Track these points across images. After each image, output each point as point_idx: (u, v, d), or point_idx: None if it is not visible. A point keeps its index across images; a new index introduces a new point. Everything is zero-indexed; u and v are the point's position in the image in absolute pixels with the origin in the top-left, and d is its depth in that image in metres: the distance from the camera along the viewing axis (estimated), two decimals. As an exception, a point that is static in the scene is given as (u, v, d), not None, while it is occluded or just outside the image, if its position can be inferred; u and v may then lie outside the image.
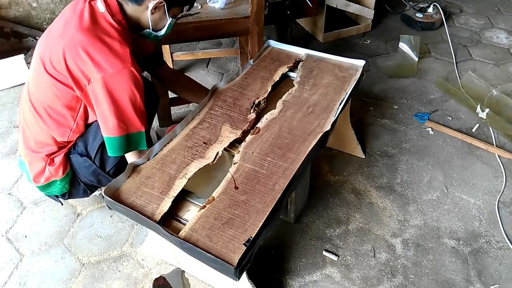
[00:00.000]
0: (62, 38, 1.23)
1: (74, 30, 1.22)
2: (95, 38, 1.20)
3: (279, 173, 1.22)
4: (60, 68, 1.23)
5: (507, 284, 1.43)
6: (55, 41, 1.25)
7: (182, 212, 1.19)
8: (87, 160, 1.42)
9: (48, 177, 1.43)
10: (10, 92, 2.41)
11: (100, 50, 1.19)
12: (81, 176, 1.47)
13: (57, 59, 1.22)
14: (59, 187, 1.46)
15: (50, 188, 1.47)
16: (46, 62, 1.26)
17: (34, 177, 1.45)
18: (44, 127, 1.35)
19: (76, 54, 1.19)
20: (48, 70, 1.26)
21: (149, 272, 1.49)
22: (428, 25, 2.88)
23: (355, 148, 1.91)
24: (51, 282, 1.47)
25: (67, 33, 1.23)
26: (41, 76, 1.28)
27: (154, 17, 1.33)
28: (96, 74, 1.18)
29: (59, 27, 1.28)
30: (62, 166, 1.42)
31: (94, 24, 1.23)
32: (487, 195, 1.74)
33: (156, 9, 1.30)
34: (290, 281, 1.45)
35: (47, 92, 1.29)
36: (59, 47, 1.22)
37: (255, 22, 1.86)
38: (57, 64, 1.23)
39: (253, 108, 1.45)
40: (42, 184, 1.45)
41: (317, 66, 1.65)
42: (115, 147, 1.28)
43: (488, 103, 2.14)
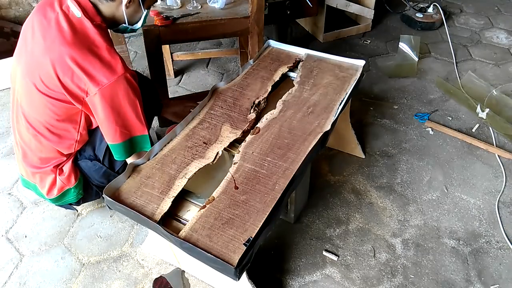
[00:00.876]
0: (47, 54, 1.18)
1: (59, 45, 1.17)
2: (84, 50, 1.17)
3: (279, 173, 1.22)
4: (54, 86, 1.20)
5: (507, 284, 1.43)
6: (40, 59, 1.20)
7: (182, 212, 1.19)
8: (96, 163, 1.43)
9: (62, 187, 1.42)
10: (10, 92, 2.40)
11: (92, 63, 1.17)
12: (93, 180, 1.48)
13: (49, 78, 1.19)
14: (74, 194, 1.47)
15: (65, 198, 1.47)
16: (37, 82, 1.22)
17: (47, 191, 1.44)
18: (48, 144, 1.34)
19: (69, 70, 1.17)
20: (41, 90, 1.22)
21: (149, 272, 1.49)
22: (428, 25, 2.88)
23: (355, 148, 1.91)
24: (51, 282, 1.47)
25: (52, 48, 1.18)
26: (34, 96, 1.25)
27: (129, 11, 1.31)
28: (92, 88, 1.17)
29: (38, 42, 1.22)
30: (72, 173, 1.42)
31: (77, 34, 1.19)
32: (487, 195, 1.74)
33: (130, 2, 1.28)
34: (290, 281, 1.45)
35: (44, 110, 1.26)
36: (48, 65, 1.18)
37: (255, 22, 1.86)
38: (50, 82, 1.20)
39: (253, 108, 1.45)
40: (56, 195, 1.44)
41: (317, 66, 1.65)
42: (121, 152, 1.31)
43: (488, 103, 2.14)
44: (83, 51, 1.17)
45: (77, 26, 1.20)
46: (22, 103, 1.32)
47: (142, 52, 2.66)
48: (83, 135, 1.37)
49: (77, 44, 1.17)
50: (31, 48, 1.24)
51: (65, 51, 1.16)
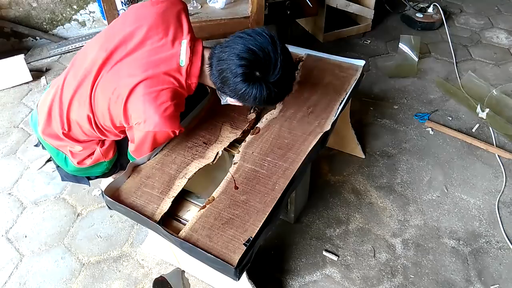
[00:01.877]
0: (134, 75, 1.16)
1: (143, 75, 1.15)
2: (156, 89, 1.15)
3: (279, 173, 1.22)
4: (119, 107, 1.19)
5: (507, 284, 1.43)
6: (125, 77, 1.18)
7: (182, 212, 1.19)
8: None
9: (98, 159, 1.40)
10: (10, 92, 2.41)
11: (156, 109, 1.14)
12: (124, 158, 1.45)
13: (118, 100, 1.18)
14: (103, 168, 1.44)
15: (93, 169, 1.44)
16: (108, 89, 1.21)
17: (80, 160, 1.39)
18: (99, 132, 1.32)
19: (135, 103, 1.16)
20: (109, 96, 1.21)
21: (149, 272, 1.49)
22: (428, 25, 2.88)
23: (355, 148, 1.91)
24: (51, 282, 1.47)
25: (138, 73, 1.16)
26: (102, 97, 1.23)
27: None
28: (142, 126, 1.16)
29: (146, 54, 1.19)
30: (113, 147, 1.41)
31: (167, 76, 1.17)
32: (487, 195, 1.74)
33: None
34: (290, 281, 1.45)
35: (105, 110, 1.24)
36: (128, 86, 1.16)
37: (255, 22, 1.86)
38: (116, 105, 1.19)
39: (253, 108, 1.45)
40: (88, 165, 1.40)
41: (317, 66, 1.65)
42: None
43: (488, 103, 2.13)
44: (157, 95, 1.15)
45: (172, 71, 1.18)
46: (96, 97, 1.25)
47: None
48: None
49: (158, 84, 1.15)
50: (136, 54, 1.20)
51: (145, 88, 1.14)
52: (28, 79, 2.44)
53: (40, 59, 2.66)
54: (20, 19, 2.68)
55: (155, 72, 1.16)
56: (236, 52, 1.12)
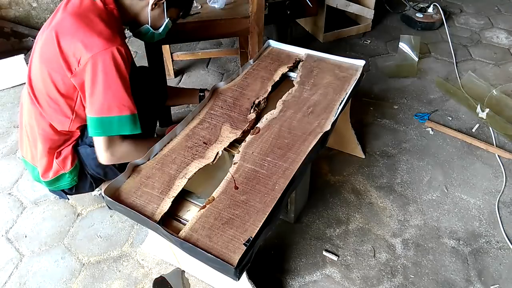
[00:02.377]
0: (52, 25, 1.26)
1: (62, 13, 1.25)
2: (83, 21, 1.21)
3: (279, 173, 1.22)
4: (53, 52, 1.23)
5: (507, 284, 1.43)
6: (47, 29, 1.28)
7: (182, 212, 1.19)
8: (94, 151, 1.41)
9: (57, 171, 1.42)
10: (10, 92, 2.41)
11: (89, 32, 1.19)
12: (89, 168, 1.46)
13: (51, 43, 1.23)
14: (68, 180, 1.45)
15: (59, 182, 1.46)
16: (41, 51, 1.28)
17: (43, 172, 1.43)
18: (45, 117, 1.35)
19: (67, 36, 1.21)
20: (43, 58, 1.27)
21: (149, 272, 1.49)
22: (428, 25, 2.88)
23: (355, 148, 1.91)
24: (51, 282, 1.47)
25: (57, 17, 1.26)
26: (38, 66, 1.29)
27: (153, 13, 1.35)
28: (85, 54, 1.18)
29: (51, 19, 1.31)
30: (70, 158, 1.42)
31: (85, 8, 1.24)
32: (487, 195, 1.74)
33: (156, 5, 1.32)
34: (290, 281, 1.45)
35: (46, 81, 1.28)
36: (52, 32, 1.23)
37: (255, 22, 1.86)
38: (51, 48, 1.24)
39: (253, 108, 1.45)
40: (51, 178, 1.43)
41: (317, 66, 1.65)
42: (101, 127, 1.25)
43: (488, 103, 2.13)
44: (83, 22, 1.21)
45: (89, 4, 1.25)
46: (32, 76, 1.34)
47: (142, 52, 2.66)
48: (79, 116, 1.34)
49: (81, 15, 1.22)
50: (47, 23, 1.32)
51: (67, 19, 1.22)
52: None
53: (40, 59, 2.66)
54: (20, 19, 2.68)
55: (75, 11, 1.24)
56: None
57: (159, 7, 1.34)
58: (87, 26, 1.20)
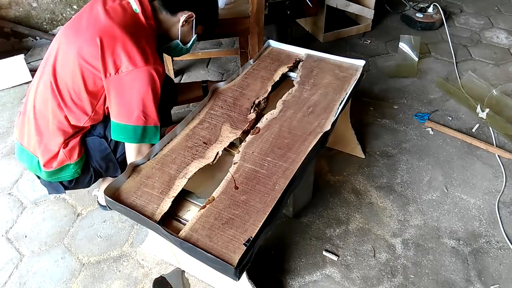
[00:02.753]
0: (95, 27, 1.27)
1: (109, 22, 1.27)
2: (129, 35, 1.26)
3: (279, 173, 1.22)
4: (94, 54, 1.26)
5: (507, 284, 1.43)
6: (90, 29, 1.28)
7: (182, 212, 1.19)
8: (103, 142, 1.44)
9: (62, 161, 1.41)
10: (10, 92, 2.41)
11: (134, 46, 1.25)
12: (93, 160, 1.47)
13: (94, 46, 1.25)
14: (71, 171, 1.44)
15: (62, 173, 1.44)
16: (80, 49, 1.28)
17: (46, 162, 1.41)
18: (63, 109, 1.35)
19: (112, 45, 1.24)
20: (81, 55, 1.28)
21: (149, 272, 1.49)
22: (428, 25, 2.88)
23: (355, 148, 1.91)
24: (51, 282, 1.47)
25: (101, 23, 1.27)
26: (71, 60, 1.30)
27: (183, 30, 1.44)
28: (128, 66, 1.24)
29: (92, 19, 1.30)
30: (77, 148, 1.41)
31: (129, 20, 1.30)
32: (487, 195, 1.74)
33: (186, 22, 1.41)
34: (290, 281, 1.45)
35: (76, 76, 1.30)
36: (95, 36, 1.25)
37: (255, 22, 1.86)
38: (92, 50, 1.26)
39: (253, 108, 1.45)
40: (54, 168, 1.42)
41: (317, 66, 1.65)
42: (129, 135, 1.33)
43: (488, 103, 2.13)
44: (130, 34, 1.26)
45: (131, 16, 1.31)
46: (57, 67, 1.34)
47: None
48: (97, 114, 1.39)
49: (127, 27, 1.28)
50: (85, 23, 1.32)
51: (114, 29, 1.26)
52: (28, 79, 2.44)
53: (40, 59, 2.66)
54: (20, 19, 2.68)
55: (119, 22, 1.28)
56: None
57: (188, 24, 1.43)
58: (132, 41, 1.25)
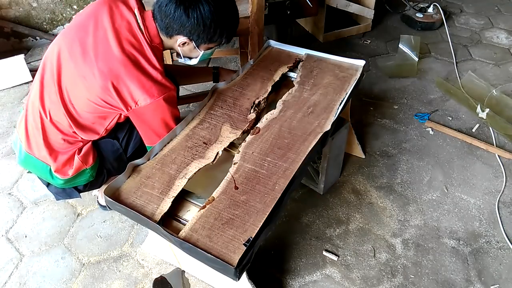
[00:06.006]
0: (105, 62, 1.24)
1: (120, 55, 1.24)
2: (140, 65, 1.26)
3: (279, 173, 1.22)
4: (105, 90, 1.25)
5: (507, 284, 1.43)
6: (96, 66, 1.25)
7: (182, 212, 1.19)
8: (115, 143, 1.45)
9: (79, 167, 1.40)
10: (10, 92, 2.41)
11: (145, 78, 1.25)
12: (107, 161, 1.47)
13: (104, 83, 1.24)
14: (87, 176, 1.45)
15: (78, 179, 1.44)
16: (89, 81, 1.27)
17: (60, 170, 1.40)
18: (74, 129, 1.35)
19: (125, 83, 1.24)
20: (95, 93, 1.27)
21: (149, 272, 1.49)
22: (428, 25, 2.88)
23: (355, 148, 1.91)
24: (51, 282, 1.47)
25: (111, 57, 1.24)
26: (81, 90, 1.29)
27: (184, 49, 1.37)
28: (143, 99, 1.25)
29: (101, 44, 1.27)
30: (91, 153, 1.42)
31: (137, 44, 1.27)
32: (487, 195, 1.74)
33: (184, 44, 1.33)
34: (290, 281, 1.45)
35: (88, 104, 1.30)
36: (106, 78, 1.24)
37: (255, 22, 1.86)
38: (102, 85, 1.25)
39: (253, 108, 1.45)
40: (71, 176, 1.41)
41: (317, 66, 1.65)
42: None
43: (488, 103, 2.14)
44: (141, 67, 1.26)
45: (139, 37, 1.28)
46: (63, 87, 1.32)
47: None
48: (108, 131, 1.40)
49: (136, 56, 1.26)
50: (91, 46, 1.28)
51: (126, 63, 1.24)
52: (28, 79, 2.44)
53: (40, 59, 2.66)
54: (20, 19, 2.68)
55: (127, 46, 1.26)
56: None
57: (188, 45, 1.34)
58: (144, 73, 1.25)
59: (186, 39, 1.30)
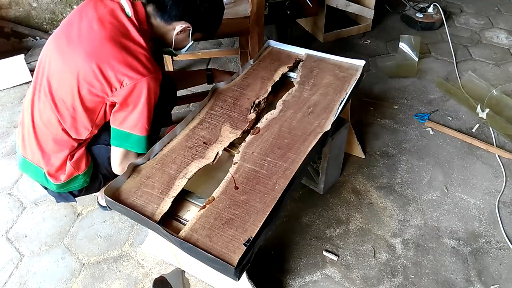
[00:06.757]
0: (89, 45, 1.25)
1: (103, 38, 1.24)
2: (125, 46, 1.25)
3: (279, 173, 1.22)
4: (91, 73, 1.24)
5: (507, 284, 1.43)
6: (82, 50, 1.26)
7: (182, 212, 1.19)
8: (108, 149, 1.42)
9: (71, 173, 1.39)
10: (10, 92, 2.41)
11: (131, 59, 1.24)
12: (102, 167, 1.46)
13: (88, 66, 1.24)
14: (80, 181, 1.43)
15: (71, 184, 1.43)
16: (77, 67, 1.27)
17: (53, 175, 1.40)
18: (62, 124, 1.34)
19: (110, 63, 1.23)
20: (76, 72, 1.26)
21: (149, 272, 1.49)
22: (428, 25, 2.88)
23: (355, 148, 1.91)
24: (51, 282, 1.47)
25: (94, 40, 1.25)
26: (67, 79, 1.28)
27: (177, 38, 1.39)
28: (129, 79, 1.23)
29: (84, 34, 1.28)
30: (84, 159, 1.40)
31: (122, 29, 1.27)
32: (487, 195, 1.74)
33: (182, 31, 1.36)
34: (290, 281, 1.45)
35: (73, 93, 1.29)
36: (91, 59, 1.24)
37: (255, 22, 1.86)
38: (87, 69, 1.24)
39: (253, 108, 1.45)
40: (63, 181, 1.40)
41: (317, 66, 1.65)
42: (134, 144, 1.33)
43: (488, 103, 2.14)
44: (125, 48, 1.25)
45: (125, 22, 1.28)
46: (52, 81, 1.32)
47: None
48: (97, 127, 1.38)
49: (121, 39, 1.26)
50: (76, 34, 1.28)
51: (109, 45, 1.24)
52: (28, 79, 2.45)
53: (40, 59, 2.66)
54: (20, 19, 2.68)
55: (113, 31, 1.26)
56: None
57: (184, 33, 1.38)
58: (128, 53, 1.24)
59: (186, 26, 1.34)
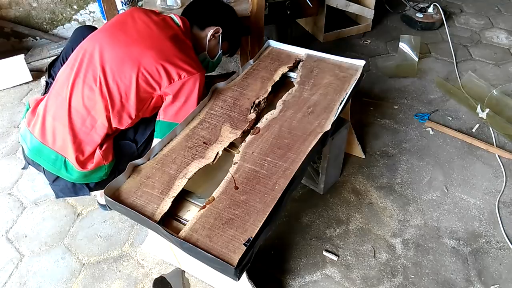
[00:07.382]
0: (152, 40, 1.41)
1: (163, 36, 1.41)
2: (181, 46, 1.43)
3: (279, 173, 1.22)
4: (152, 66, 1.37)
5: (507, 284, 1.44)
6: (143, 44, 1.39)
7: (182, 212, 1.19)
8: (133, 146, 1.48)
9: (98, 162, 1.41)
10: (10, 92, 2.41)
11: (186, 57, 1.41)
12: (121, 163, 1.46)
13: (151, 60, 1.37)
14: (103, 172, 1.44)
15: (94, 174, 1.44)
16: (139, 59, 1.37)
17: (82, 162, 1.40)
18: (110, 111, 1.38)
19: (171, 57, 1.38)
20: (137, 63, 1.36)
21: (149, 272, 1.49)
22: (428, 25, 2.88)
23: (355, 148, 1.91)
24: (51, 282, 1.47)
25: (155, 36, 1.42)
26: (127, 70, 1.37)
27: (210, 43, 1.60)
28: (187, 73, 1.39)
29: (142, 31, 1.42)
30: (111, 150, 1.44)
31: (176, 34, 1.46)
32: (487, 195, 1.74)
33: (213, 37, 1.58)
34: (290, 281, 1.45)
35: (131, 82, 1.37)
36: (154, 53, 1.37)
37: (255, 22, 1.86)
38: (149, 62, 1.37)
39: (253, 108, 1.45)
40: (89, 169, 1.40)
41: (317, 66, 1.65)
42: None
43: (488, 103, 2.14)
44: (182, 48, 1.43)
45: (176, 30, 1.48)
46: (106, 68, 1.38)
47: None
48: (137, 118, 1.45)
49: (177, 41, 1.44)
50: (134, 32, 1.43)
51: (169, 42, 1.41)
52: (28, 79, 2.45)
53: (40, 59, 2.66)
54: (20, 19, 2.68)
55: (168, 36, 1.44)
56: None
57: (215, 39, 1.60)
58: (185, 52, 1.43)
59: (217, 29, 1.56)
